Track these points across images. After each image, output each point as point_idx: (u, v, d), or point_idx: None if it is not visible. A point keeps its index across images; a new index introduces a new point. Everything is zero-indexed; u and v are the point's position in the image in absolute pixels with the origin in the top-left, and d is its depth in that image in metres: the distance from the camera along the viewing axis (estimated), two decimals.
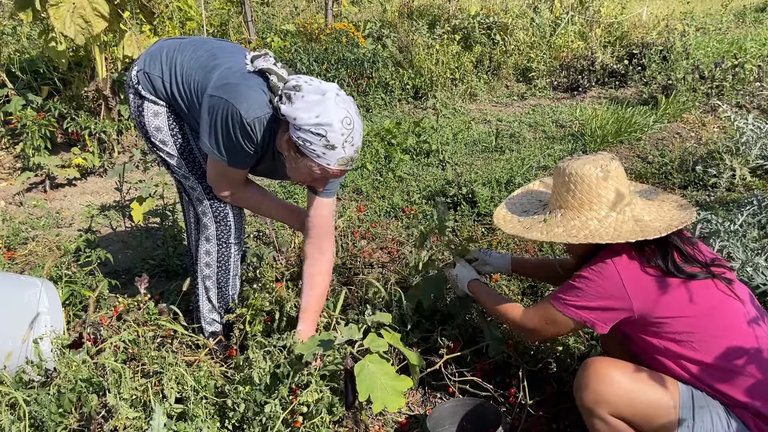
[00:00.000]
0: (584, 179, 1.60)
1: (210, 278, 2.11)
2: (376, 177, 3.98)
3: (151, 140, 1.97)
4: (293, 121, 1.63)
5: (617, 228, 1.56)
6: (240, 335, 2.01)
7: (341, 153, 1.65)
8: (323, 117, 1.60)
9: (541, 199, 1.85)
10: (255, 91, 1.71)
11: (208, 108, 1.75)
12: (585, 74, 5.96)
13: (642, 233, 1.52)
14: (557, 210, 1.68)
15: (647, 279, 1.50)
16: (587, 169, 1.60)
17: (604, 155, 1.65)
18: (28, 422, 1.55)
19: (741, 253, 2.42)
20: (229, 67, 1.80)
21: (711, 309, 1.47)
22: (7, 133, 4.34)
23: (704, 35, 7.28)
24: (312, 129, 1.61)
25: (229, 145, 1.77)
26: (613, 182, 1.60)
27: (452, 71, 5.98)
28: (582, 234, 1.58)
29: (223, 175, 1.90)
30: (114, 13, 3.80)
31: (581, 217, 1.62)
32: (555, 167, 1.70)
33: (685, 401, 1.45)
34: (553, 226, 1.65)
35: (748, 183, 3.56)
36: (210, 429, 1.57)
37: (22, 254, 2.99)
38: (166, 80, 1.89)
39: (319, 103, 1.61)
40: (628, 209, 1.61)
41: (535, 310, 1.71)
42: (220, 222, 2.03)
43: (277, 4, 8.70)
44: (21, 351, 1.84)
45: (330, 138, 1.61)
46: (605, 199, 1.60)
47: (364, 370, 1.52)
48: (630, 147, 4.39)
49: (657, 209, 1.66)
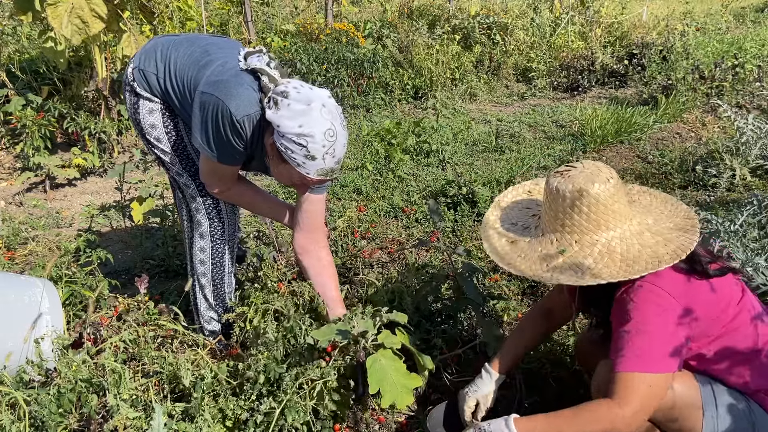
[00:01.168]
0: (599, 198, 1.43)
1: (205, 275, 2.13)
2: (376, 177, 3.98)
3: (147, 137, 1.99)
4: (277, 128, 1.65)
5: (650, 245, 1.42)
6: (241, 334, 2.01)
7: (321, 164, 1.67)
8: (306, 128, 1.62)
9: (531, 215, 1.67)
10: (246, 89, 1.71)
11: (200, 104, 1.75)
12: (585, 74, 5.97)
13: (687, 239, 1.40)
14: (561, 234, 1.50)
15: (694, 288, 1.40)
16: (597, 187, 1.43)
17: (597, 165, 1.51)
18: (28, 422, 1.55)
19: (741, 253, 2.42)
20: (222, 63, 1.80)
21: (729, 304, 1.44)
22: (7, 133, 4.34)
23: (704, 35, 7.28)
24: (294, 138, 1.63)
25: (219, 142, 1.77)
26: (620, 192, 1.48)
27: (452, 71, 5.98)
28: (636, 267, 1.36)
29: (215, 171, 1.91)
30: (113, 13, 3.80)
31: (599, 239, 1.45)
32: (548, 188, 1.51)
33: (706, 392, 1.44)
34: (583, 259, 1.43)
35: (748, 183, 3.56)
36: (211, 428, 1.57)
37: (22, 254, 2.99)
38: (161, 76, 1.90)
39: (303, 114, 1.62)
40: (635, 218, 1.51)
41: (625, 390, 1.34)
42: (212, 219, 2.05)
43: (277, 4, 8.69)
44: (21, 351, 1.84)
45: (311, 149, 1.63)
46: (618, 215, 1.46)
47: (375, 364, 1.54)
48: (630, 147, 4.39)
49: (650, 208, 1.59)
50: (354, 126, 4.95)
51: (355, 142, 4.67)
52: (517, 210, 1.72)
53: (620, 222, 1.46)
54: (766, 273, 2.29)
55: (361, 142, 4.63)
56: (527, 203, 1.73)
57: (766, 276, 2.28)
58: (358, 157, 4.34)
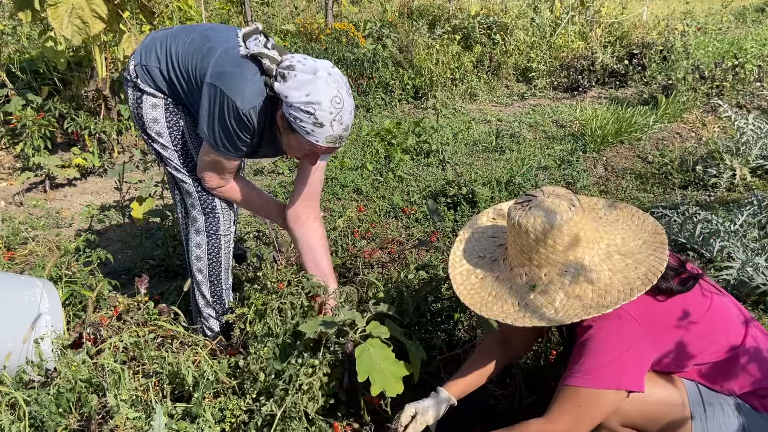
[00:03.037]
0: (562, 229, 1.40)
1: (201, 271, 2.15)
2: (376, 177, 3.98)
3: (148, 132, 2.00)
4: (285, 99, 1.69)
5: (620, 270, 1.39)
6: (241, 335, 2.01)
7: (329, 131, 1.70)
8: (313, 96, 1.66)
9: (498, 244, 1.63)
10: (250, 81, 1.75)
11: (207, 96, 1.79)
12: (585, 74, 5.96)
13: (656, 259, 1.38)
14: (529, 267, 1.47)
15: (658, 307, 1.40)
16: (560, 218, 1.40)
17: (557, 193, 1.46)
18: (28, 422, 1.55)
19: (741, 253, 2.42)
20: (225, 50, 1.83)
21: (705, 314, 1.44)
22: (7, 133, 4.34)
23: (704, 35, 7.28)
24: (302, 107, 1.67)
25: (226, 134, 1.81)
26: (584, 218, 1.43)
27: (452, 71, 5.98)
28: (608, 299, 1.33)
29: (215, 164, 1.93)
30: (113, 13, 3.80)
31: (569, 270, 1.41)
32: (510, 222, 1.47)
33: (693, 395, 1.43)
34: (554, 294, 1.40)
35: (749, 183, 3.56)
36: (212, 429, 1.57)
37: (22, 254, 2.99)
38: (164, 68, 1.93)
39: (310, 83, 1.67)
40: (602, 240, 1.47)
41: (558, 407, 1.39)
42: (208, 214, 2.08)
43: (277, 4, 8.70)
44: (21, 351, 1.84)
45: (319, 116, 1.67)
46: (585, 241, 1.42)
47: (364, 353, 1.56)
48: (630, 147, 4.39)
49: (618, 224, 1.56)
50: (354, 126, 4.94)
51: (355, 142, 4.67)
52: (484, 239, 1.69)
53: (588, 249, 1.43)
54: (766, 273, 2.29)
55: (361, 142, 4.63)
56: (493, 231, 1.69)
57: (766, 276, 2.28)
58: (358, 157, 4.34)
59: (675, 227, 2.70)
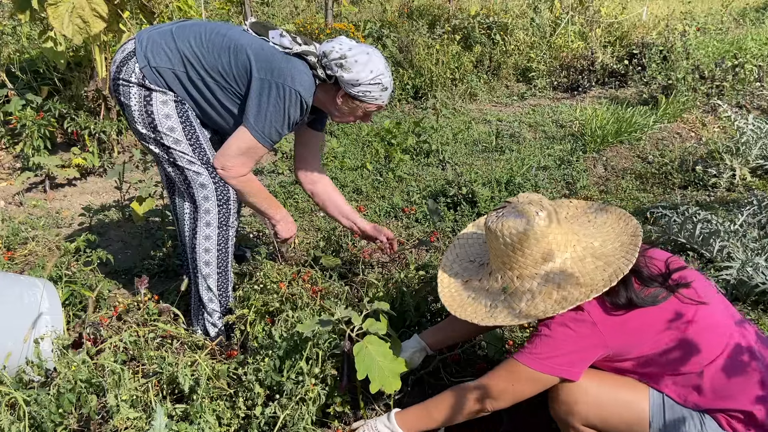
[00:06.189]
0: (528, 234, 1.45)
1: (210, 264, 2.16)
2: (376, 177, 3.98)
3: (158, 129, 2.02)
4: (355, 82, 1.95)
5: (588, 272, 1.43)
6: (242, 336, 2.01)
7: (390, 89, 2.05)
8: (376, 70, 1.96)
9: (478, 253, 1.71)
10: (305, 74, 1.97)
11: (258, 90, 1.94)
12: (585, 74, 5.96)
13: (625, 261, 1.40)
14: (503, 271, 1.53)
15: (616, 318, 1.40)
16: (527, 223, 1.45)
17: (529, 198, 1.52)
18: (28, 422, 1.55)
19: (741, 253, 2.42)
20: (260, 47, 1.97)
21: (677, 326, 1.39)
22: (7, 133, 4.33)
23: (704, 35, 7.28)
24: (371, 81, 1.96)
25: (277, 123, 1.98)
26: (554, 222, 1.47)
27: (452, 71, 5.98)
28: (570, 300, 1.39)
29: (250, 150, 2.02)
30: (114, 13, 3.80)
31: (539, 272, 1.47)
32: (486, 227, 1.55)
33: (656, 405, 1.42)
34: (522, 296, 1.48)
35: (748, 183, 3.56)
36: (212, 429, 1.57)
37: (22, 254, 2.99)
38: (178, 69, 1.98)
39: (369, 61, 1.96)
40: (579, 244, 1.50)
41: (499, 372, 1.49)
42: (222, 205, 2.12)
43: (277, 4, 8.70)
44: (21, 351, 1.84)
45: (384, 83, 2.00)
46: (556, 244, 1.47)
47: (362, 351, 1.57)
48: (630, 147, 4.39)
49: (603, 228, 1.57)
50: (354, 126, 4.94)
51: (355, 142, 4.67)
52: (478, 244, 1.77)
53: (560, 251, 1.47)
54: (766, 273, 2.29)
55: (361, 142, 4.63)
56: (473, 250, 1.76)
57: (766, 276, 2.28)
58: (358, 157, 4.34)
59: (675, 227, 2.70)
